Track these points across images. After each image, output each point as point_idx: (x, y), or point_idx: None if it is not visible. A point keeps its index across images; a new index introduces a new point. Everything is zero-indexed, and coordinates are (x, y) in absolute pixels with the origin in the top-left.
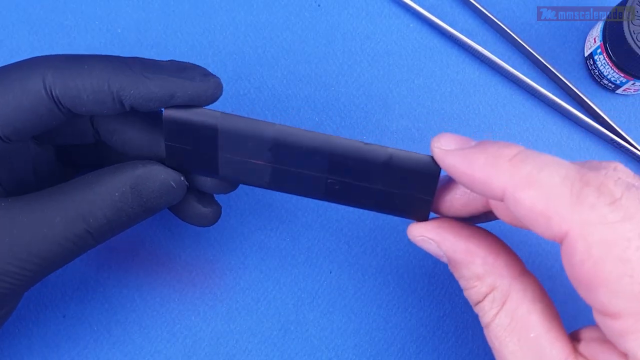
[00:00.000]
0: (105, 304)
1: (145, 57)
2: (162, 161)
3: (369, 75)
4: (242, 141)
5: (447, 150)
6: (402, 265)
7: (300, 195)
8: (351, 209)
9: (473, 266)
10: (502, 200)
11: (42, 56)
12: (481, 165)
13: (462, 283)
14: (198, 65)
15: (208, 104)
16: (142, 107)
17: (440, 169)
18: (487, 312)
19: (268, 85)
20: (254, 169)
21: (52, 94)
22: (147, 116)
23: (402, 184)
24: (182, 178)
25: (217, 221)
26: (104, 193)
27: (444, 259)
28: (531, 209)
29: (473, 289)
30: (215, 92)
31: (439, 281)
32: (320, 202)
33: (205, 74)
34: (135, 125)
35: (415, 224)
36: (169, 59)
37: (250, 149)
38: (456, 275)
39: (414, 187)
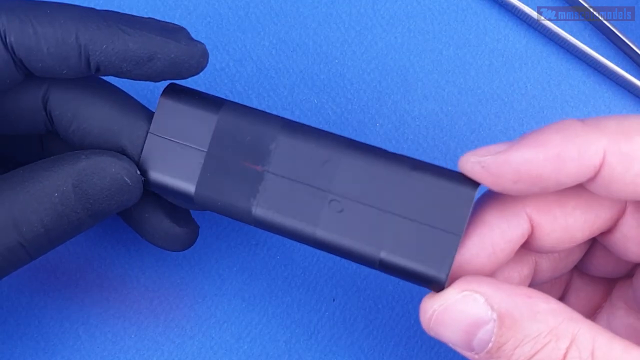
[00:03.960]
0: (40, 341)
1: None
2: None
3: (384, 44)
4: (240, 136)
5: (499, 152)
6: (427, 291)
7: (288, 231)
8: None
9: (541, 316)
10: (593, 175)
11: None
12: (561, 140)
13: (524, 350)
14: (182, 27)
15: (191, 74)
16: (113, 69)
17: (476, 188)
18: None
19: (252, 57)
20: (243, 176)
21: (5, 40)
22: (118, 102)
23: (426, 212)
24: (138, 172)
25: (192, 245)
26: (40, 194)
27: (463, 345)
28: None
29: (545, 349)
30: (201, 60)
31: None
32: None
33: (190, 38)
34: (102, 110)
35: (446, 289)
36: None
37: (247, 147)
38: (507, 345)
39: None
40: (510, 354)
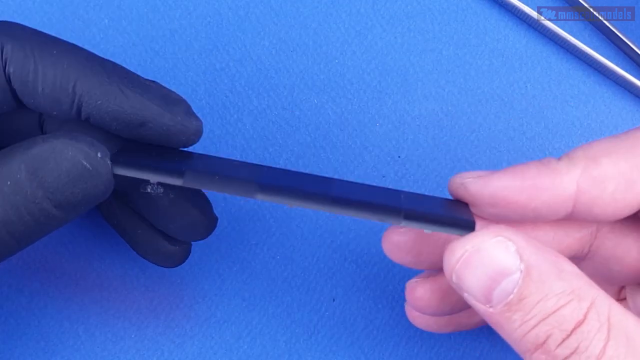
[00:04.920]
0: (40, 341)
1: (86, 18)
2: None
3: (384, 44)
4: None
5: (481, 176)
6: None
7: (300, 191)
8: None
9: (566, 275)
10: (572, 206)
11: (8, 21)
12: (537, 172)
13: (547, 304)
14: (184, 100)
15: (178, 147)
16: (102, 124)
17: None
18: (593, 338)
19: (252, 57)
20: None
21: (5, 67)
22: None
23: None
24: (99, 155)
25: (184, 262)
26: None
27: (482, 297)
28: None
29: (567, 306)
30: (192, 137)
31: None
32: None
33: (188, 112)
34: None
35: (481, 230)
36: (121, 24)
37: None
38: (529, 299)
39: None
40: (531, 308)
